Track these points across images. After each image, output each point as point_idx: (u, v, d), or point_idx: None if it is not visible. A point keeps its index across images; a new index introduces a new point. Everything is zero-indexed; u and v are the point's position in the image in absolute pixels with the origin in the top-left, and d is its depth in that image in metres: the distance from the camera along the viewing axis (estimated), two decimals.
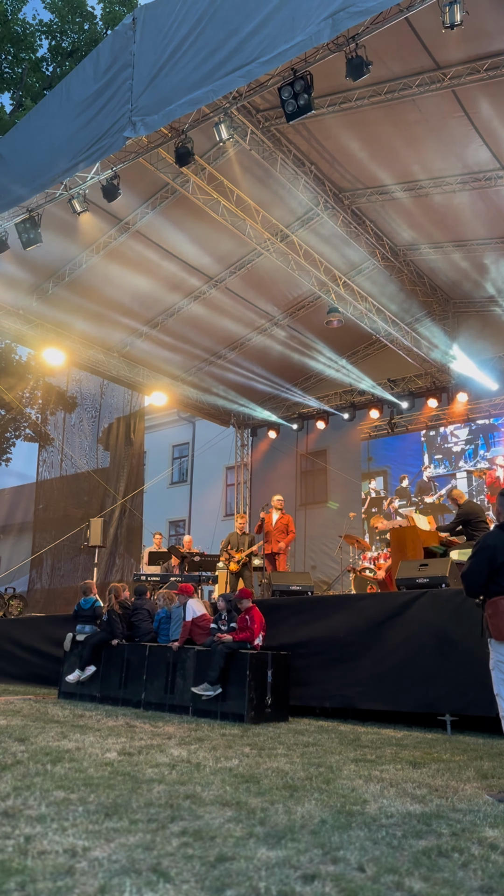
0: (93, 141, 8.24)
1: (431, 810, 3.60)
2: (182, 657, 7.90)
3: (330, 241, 12.68)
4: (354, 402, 17.34)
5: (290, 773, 4.48)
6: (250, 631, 7.58)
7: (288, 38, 6.66)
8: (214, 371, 16.81)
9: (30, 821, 3.18)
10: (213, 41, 7.26)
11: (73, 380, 19.76)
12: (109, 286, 13.31)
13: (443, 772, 4.67)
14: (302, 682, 7.77)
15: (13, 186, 9.22)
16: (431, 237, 12.65)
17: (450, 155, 10.17)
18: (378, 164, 10.68)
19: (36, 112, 9.35)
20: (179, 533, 23.91)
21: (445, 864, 2.77)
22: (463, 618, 6.74)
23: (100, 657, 8.83)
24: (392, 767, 4.77)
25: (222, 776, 4.30)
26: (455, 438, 15.75)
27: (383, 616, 7.57)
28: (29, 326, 13.81)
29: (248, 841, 2.98)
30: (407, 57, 8.58)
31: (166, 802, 3.61)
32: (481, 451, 15.25)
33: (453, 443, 15.77)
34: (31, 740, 5.41)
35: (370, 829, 3.23)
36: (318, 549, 16.79)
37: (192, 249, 12.77)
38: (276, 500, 11.64)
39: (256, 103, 9.81)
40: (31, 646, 11.14)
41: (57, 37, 21.47)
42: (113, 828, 3.12)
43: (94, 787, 3.89)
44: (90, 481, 18.36)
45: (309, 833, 3.13)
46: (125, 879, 2.48)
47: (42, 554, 17.59)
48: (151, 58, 7.81)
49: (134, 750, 5.14)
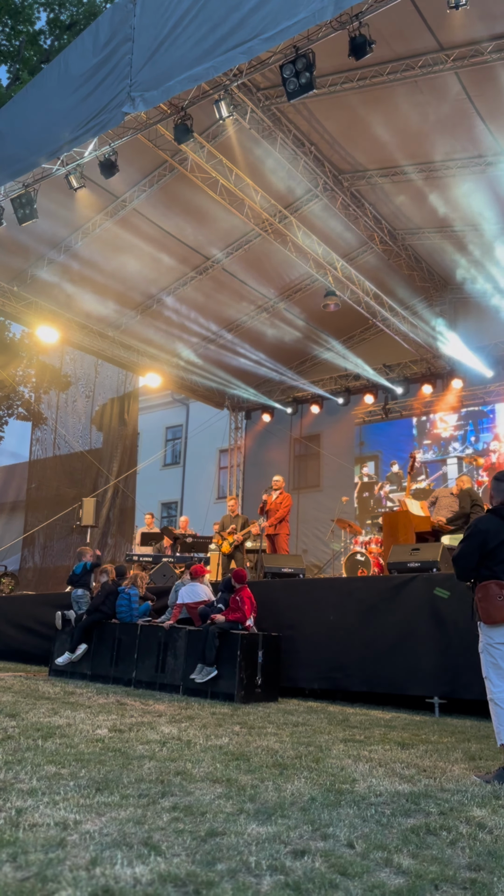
0: (91, 116, 8.12)
1: (420, 790, 3.64)
2: (173, 637, 7.93)
3: (328, 224, 12.60)
4: (349, 387, 17.33)
5: (279, 751, 4.51)
6: (242, 612, 7.61)
7: (290, 14, 6.55)
8: (209, 353, 16.74)
9: (21, 794, 3.20)
10: (214, 16, 7.14)
11: (67, 359, 19.65)
12: (105, 264, 13.21)
13: (431, 753, 4.71)
14: (292, 664, 7.83)
15: (9, 161, 9.09)
16: (431, 221, 12.58)
17: (451, 138, 10.10)
18: (379, 147, 10.60)
19: (33, 85, 9.21)
20: (171, 515, 23.94)
21: (434, 841, 2.80)
22: (454, 602, 6.78)
23: (91, 636, 8.86)
24: (381, 748, 4.82)
25: (212, 754, 4.33)
26: (444, 424, 15.78)
27: (374, 599, 7.61)
28: (23, 304, 13.70)
29: (239, 817, 3.01)
30: (410, 37, 8.49)
31: (157, 778, 3.63)
32: (471, 438, 15.29)
33: (442, 429, 15.81)
34: (21, 716, 5.43)
35: (359, 807, 3.26)
36: (310, 534, 16.85)
37: (189, 229, 12.67)
38: (274, 480, 11.66)
39: (257, 81, 9.70)
40: (22, 624, 11.17)
41: (55, 9, 21.10)
42: (104, 802, 3.14)
43: (84, 762, 3.91)
44: (83, 461, 18.32)
45: (299, 810, 3.16)
46: (116, 852, 2.50)
47: (34, 533, 17.58)
48: (152, 32, 7.69)
49: (125, 727, 5.17)
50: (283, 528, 11.35)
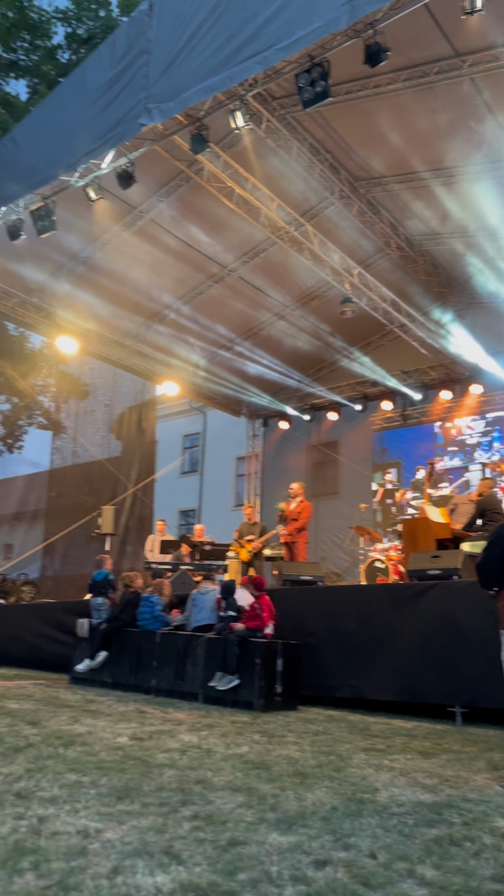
0: (108, 128, 8.20)
1: (442, 800, 3.60)
2: (192, 645, 7.93)
3: (344, 231, 12.58)
4: (367, 394, 17.25)
5: (300, 760, 4.49)
6: (261, 619, 7.59)
7: (305, 24, 6.58)
8: (226, 360, 16.76)
9: (42, 802, 3.21)
10: (229, 27, 7.19)
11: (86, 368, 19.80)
12: (123, 274, 13.29)
13: (453, 762, 4.67)
14: (312, 672, 7.78)
15: (28, 173, 9.21)
16: (447, 227, 12.53)
17: (468, 143, 10.06)
18: (394, 153, 10.58)
19: (51, 99, 9.33)
20: (189, 522, 23.97)
21: (457, 852, 2.77)
22: (475, 609, 6.72)
23: (111, 643, 8.88)
24: (402, 757, 4.78)
25: (233, 762, 4.31)
26: (470, 431, 15.66)
27: (394, 607, 7.56)
28: (43, 314, 13.84)
29: (260, 826, 2.99)
30: (425, 44, 8.48)
31: (177, 787, 3.63)
32: (496, 444, 15.16)
33: (468, 435, 15.69)
34: (43, 724, 5.46)
35: (381, 816, 3.23)
36: (329, 541, 16.77)
37: (206, 238, 12.72)
38: (291, 487, 11.63)
39: (272, 90, 9.73)
40: (42, 631, 11.22)
41: (73, 24, 21.36)
42: (125, 811, 3.14)
43: (105, 770, 3.91)
44: (102, 470, 18.42)
45: (320, 820, 3.14)
46: (137, 861, 2.50)
47: (54, 541, 17.69)
48: (168, 44, 7.76)
49: (145, 735, 5.17)
50: (301, 535, 11.31)
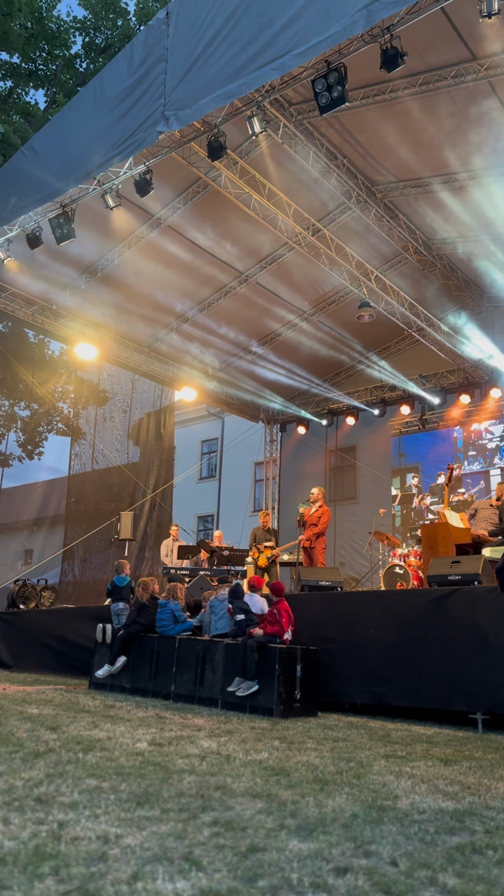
0: (126, 135, 8.27)
1: (464, 807, 3.56)
2: (211, 650, 7.92)
3: (362, 235, 12.59)
4: (385, 398, 17.21)
5: (320, 767, 4.47)
6: (280, 625, 7.57)
7: (322, 29, 6.60)
8: (244, 366, 16.80)
9: (63, 807, 3.21)
10: (246, 34, 7.22)
11: (104, 375, 19.92)
12: (141, 281, 13.38)
13: (475, 769, 4.61)
14: (331, 678, 7.75)
15: (47, 181, 9.31)
16: (466, 231, 12.48)
17: (485, 147, 10.02)
18: (412, 157, 10.57)
19: (70, 107, 9.42)
20: (208, 528, 24.01)
21: (480, 860, 2.73)
22: (496, 615, 6.66)
23: (130, 648, 8.91)
24: (423, 764, 4.73)
25: (252, 768, 4.30)
26: (490, 435, 15.55)
27: (414, 612, 7.51)
28: (62, 321, 13.95)
29: (280, 832, 2.98)
30: (442, 48, 8.47)
31: (197, 793, 3.62)
32: None
33: (488, 439, 15.57)
34: (62, 729, 5.47)
35: (402, 824, 3.20)
36: (348, 546, 16.72)
37: (223, 244, 12.78)
38: (311, 493, 11.62)
39: (289, 96, 9.77)
40: (62, 636, 11.27)
41: (91, 33, 21.60)
42: (144, 816, 3.14)
43: (125, 776, 3.91)
44: (121, 475, 18.50)
45: (340, 826, 3.12)
46: (157, 867, 2.49)
47: (73, 546, 17.78)
48: (185, 52, 7.81)
49: (164, 741, 5.17)
50: (319, 540, 11.28)
